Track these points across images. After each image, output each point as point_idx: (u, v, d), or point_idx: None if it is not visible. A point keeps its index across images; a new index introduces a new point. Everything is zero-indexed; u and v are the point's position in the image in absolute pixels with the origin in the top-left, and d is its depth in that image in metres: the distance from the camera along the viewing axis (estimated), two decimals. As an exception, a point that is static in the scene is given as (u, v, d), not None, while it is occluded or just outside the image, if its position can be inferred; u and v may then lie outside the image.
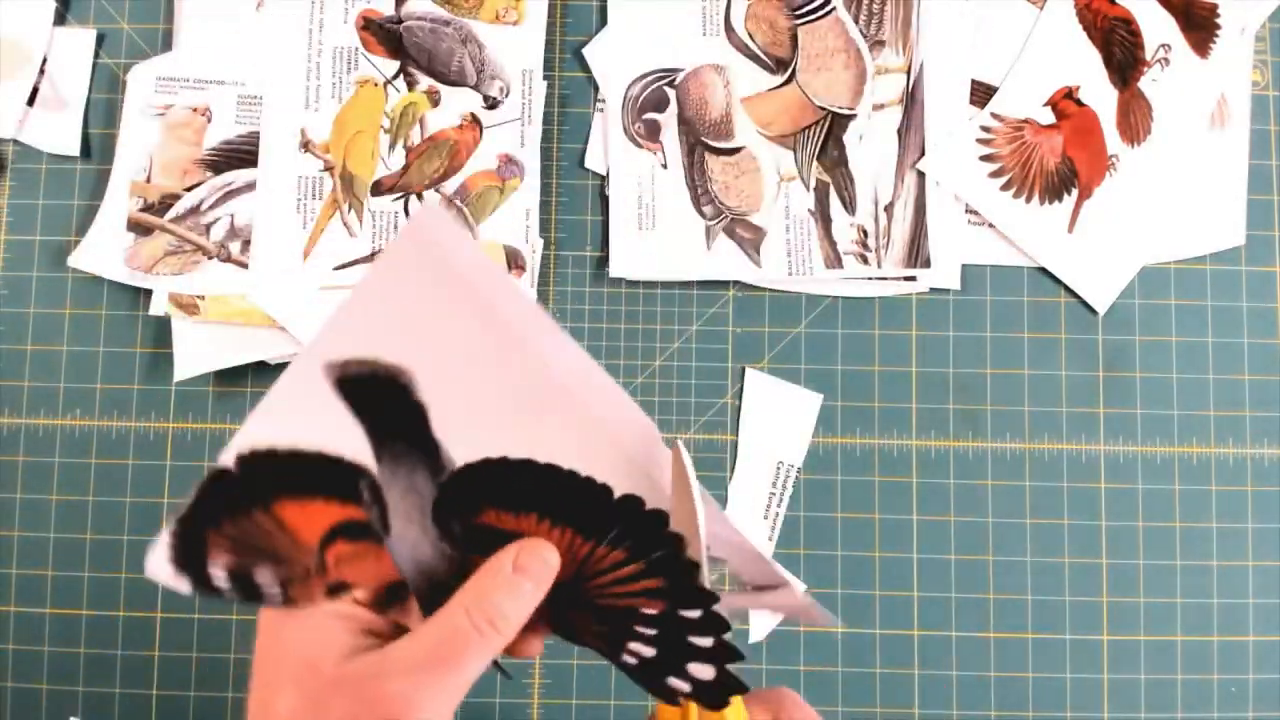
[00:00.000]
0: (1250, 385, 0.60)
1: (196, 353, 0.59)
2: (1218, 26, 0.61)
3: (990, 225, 0.61)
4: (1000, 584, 0.58)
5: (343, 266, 0.60)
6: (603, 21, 0.62)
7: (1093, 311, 0.60)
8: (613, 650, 0.29)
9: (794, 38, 0.61)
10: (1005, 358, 0.60)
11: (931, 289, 0.60)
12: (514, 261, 0.60)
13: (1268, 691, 0.58)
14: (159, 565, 0.29)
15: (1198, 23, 0.61)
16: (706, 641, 0.28)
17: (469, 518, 0.29)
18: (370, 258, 0.60)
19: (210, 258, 0.60)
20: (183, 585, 0.28)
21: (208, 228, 0.60)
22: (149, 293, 0.59)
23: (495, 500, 0.29)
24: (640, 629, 0.29)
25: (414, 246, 0.28)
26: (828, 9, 0.61)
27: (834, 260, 0.60)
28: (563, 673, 0.58)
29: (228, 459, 0.28)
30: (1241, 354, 0.60)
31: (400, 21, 0.61)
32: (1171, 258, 0.61)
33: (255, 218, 0.60)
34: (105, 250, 0.60)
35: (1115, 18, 0.61)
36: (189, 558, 0.29)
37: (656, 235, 0.60)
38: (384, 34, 0.61)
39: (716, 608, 0.28)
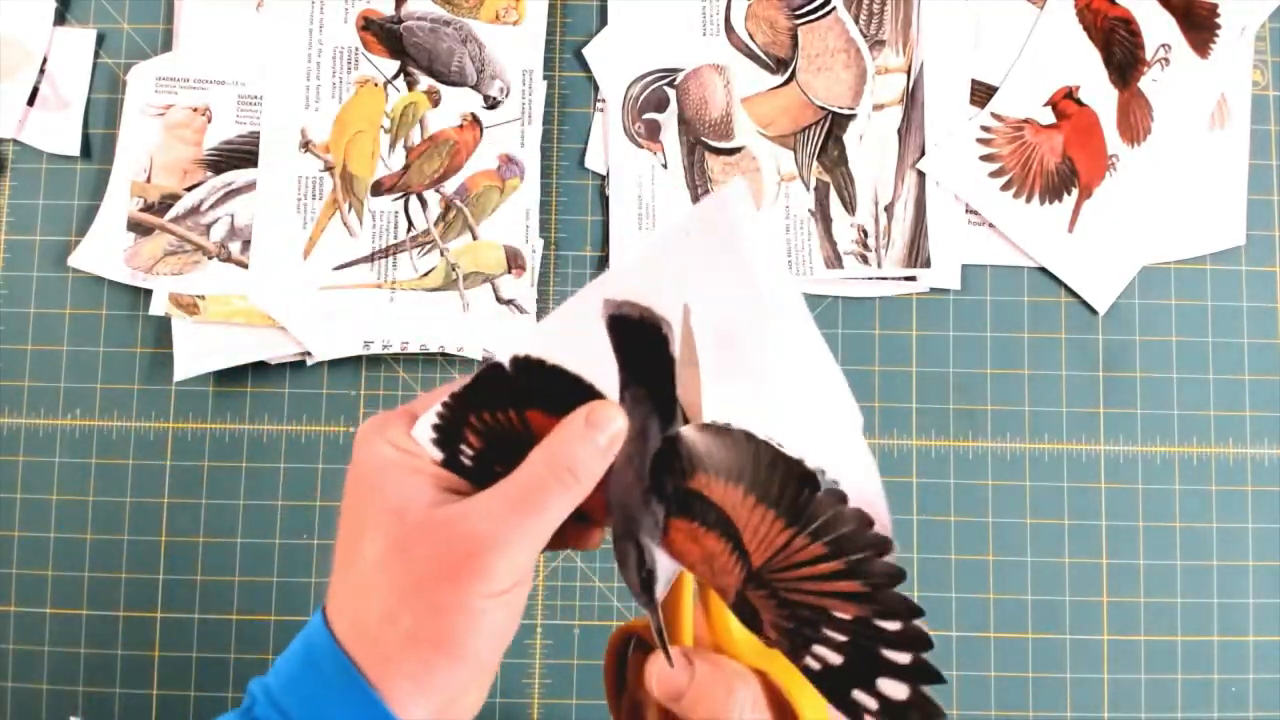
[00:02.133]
0: (1250, 385, 0.60)
1: (196, 353, 0.59)
2: (1218, 26, 0.61)
3: (990, 225, 0.61)
4: (1000, 584, 0.58)
5: (343, 266, 0.60)
6: (603, 21, 0.62)
7: (1093, 311, 0.60)
8: (794, 650, 0.27)
9: (794, 38, 0.61)
10: (1005, 358, 0.60)
11: (931, 289, 0.60)
12: (514, 261, 0.60)
13: (1268, 691, 0.58)
14: (423, 431, 0.31)
15: (1198, 23, 0.61)
16: (903, 658, 0.26)
17: (682, 479, 0.29)
18: (370, 258, 0.60)
19: (210, 258, 0.60)
20: (435, 453, 0.31)
21: (208, 228, 0.60)
22: (149, 293, 0.59)
23: (710, 466, 0.29)
24: (829, 633, 0.27)
25: (712, 217, 0.29)
26: (828, 9, 0.61)
27: (834, 260, 0.60)
28: (563, 673, 0.58)
29: (504, 358, 0.30)
30: (1241, 354, 0.60)
31: (400, 21, 0.61)
32: (1171, 258, 0.61)
33: (255, 218, 0.60)
34: (105, 250, 0.60)
35: (1115, 18, 0.61)
36: (449, 432, 0.31)
37: (656, 235, 0.60)
38: (384, 34, 0.61)
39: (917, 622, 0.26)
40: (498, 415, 0.31)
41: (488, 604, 0.28)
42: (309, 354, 0.59)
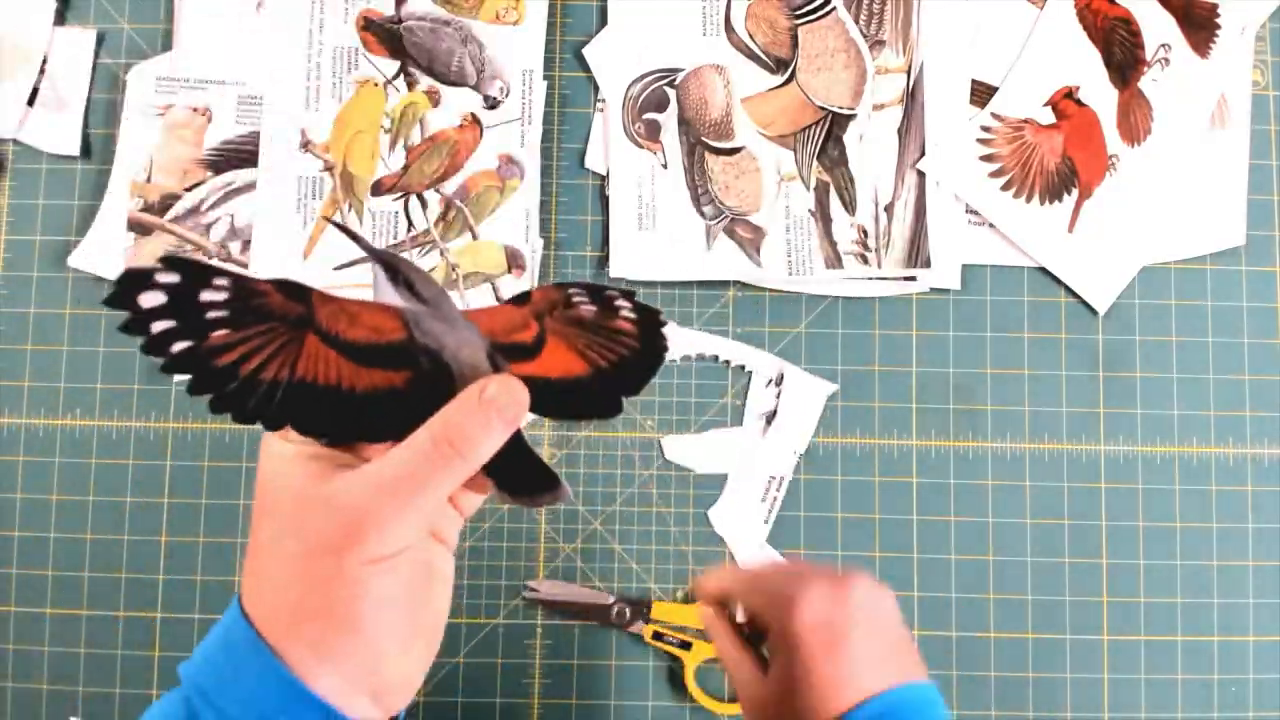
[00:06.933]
0: (1250, 385, 0.60)
1: (196, 353, 0.59)
2: (1218, 26, 0.61)
3: (990, 225, 0.61)
4: (1000, 584, 0.58)
5: (343, 266, 0.60)
6: (603, 21, 0.62)
7: (1093, 311, 0.60)
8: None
9: (794, 38, 0.61)
10: (1005, 358, 0.60)
11: (931, 289, 0.60)
12: (514, 261, 0.60)
13: (1268, 691, 0.58)
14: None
15: (1198, 23, 0.61)
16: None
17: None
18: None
19: (210, 258, 0.60)
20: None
21: (208, 228, 0.60)
22: (149, 293, 0.59)
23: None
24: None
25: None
26: (828, 9, 0.61)
27: (834, 260, 0.60)
28: (563, 673, 0.58)
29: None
30: (1241, 354, 0.60)
31: (400, 21, 0.61)
32: (1171, 258, 0.61)
33: (255, 218, 0.60)
34: (105, 250, 0.60)
35: (1115, 18, 0.61)
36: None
37: (656, 235, 0.60)
38: (384, 34, 0.61)
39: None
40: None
41: (367, 571, 0.28)
42: (309, 354, 0.59)
